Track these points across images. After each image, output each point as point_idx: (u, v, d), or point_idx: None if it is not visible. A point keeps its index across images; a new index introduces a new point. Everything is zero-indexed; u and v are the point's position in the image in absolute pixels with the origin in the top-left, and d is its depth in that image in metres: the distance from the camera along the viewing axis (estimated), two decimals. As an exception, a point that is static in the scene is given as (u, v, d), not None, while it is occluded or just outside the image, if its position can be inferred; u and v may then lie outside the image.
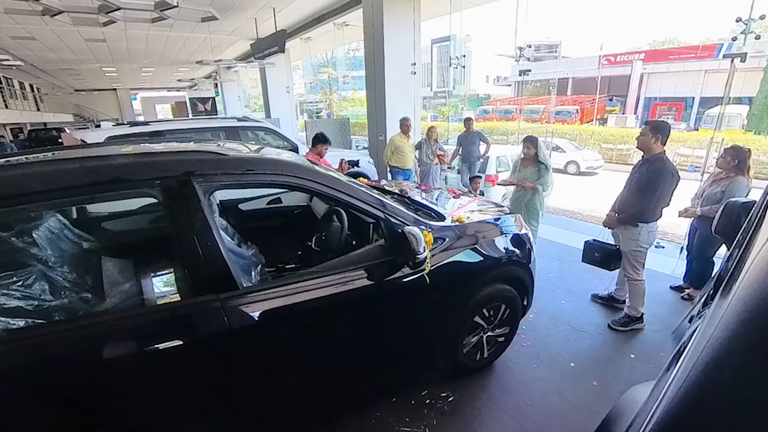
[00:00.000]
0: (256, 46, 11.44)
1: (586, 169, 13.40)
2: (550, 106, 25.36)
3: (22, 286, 1.63)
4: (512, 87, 35.38)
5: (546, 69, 31.96)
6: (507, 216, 2.74)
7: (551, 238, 5.26)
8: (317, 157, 4.51)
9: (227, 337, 1.57)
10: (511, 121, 22.49)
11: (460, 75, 36.86)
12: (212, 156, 1.80)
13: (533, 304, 2.89)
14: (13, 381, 1.31)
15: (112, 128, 5.24)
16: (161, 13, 5.69)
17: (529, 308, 2.81)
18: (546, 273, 4.11)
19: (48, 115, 23.14)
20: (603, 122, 23.22)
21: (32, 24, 9.39)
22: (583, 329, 3.20)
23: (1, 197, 1.44)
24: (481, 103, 35.08)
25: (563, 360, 2.82)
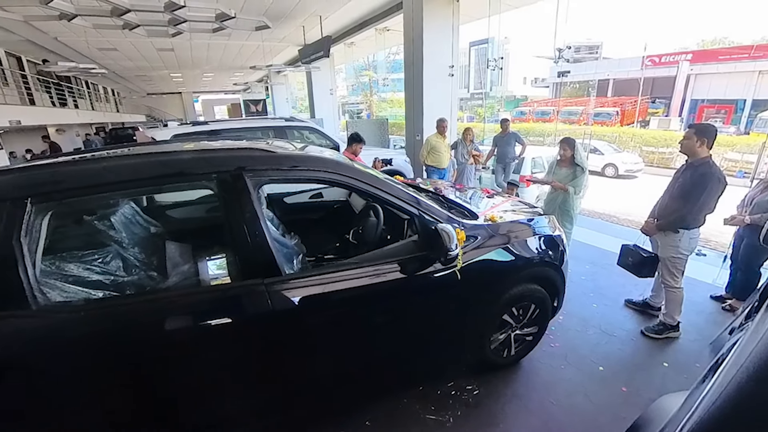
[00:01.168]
0: (304, 51, 11.72)
1: (625, 172, 12.59)
2: (588, 108, 24.03)
3: (102, 263, 1.79)
4: (550, 88, 33.85)
5: (586, 70, 30.24)
6: (540, 217, 2.64)
7: (585, 241, 5.00)
8: (352, 155, 4.55)
9: (270, 318, 1.64)
10: (548, 123, 21.56)
11: (498, 77, 35.74)
12: (262, 153, 1.86)
13: (563, 306, 2.76)
14: (92, 344, 1.46)
15: (177, 127, 5.57)
16: (221, 23, 5.98)
17: (559, 309, 2.69)
18: (578, 276, 3.93)
19: (125, 116, 24.96)
20: (645, 125, 21.67)
21: (114, 37, 10.17)
22: (614, 334, 3.02)
23: (87, 186, 1.59)
24: (518, 104, 33.85)
25: (591, 363, 2.68)
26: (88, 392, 1.48)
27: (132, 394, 1.57)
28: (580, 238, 4.88)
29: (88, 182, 1.60)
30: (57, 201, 1.58)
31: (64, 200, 1.62)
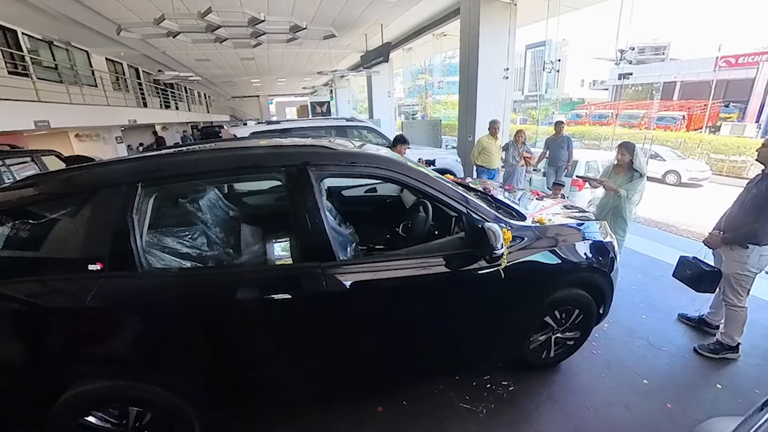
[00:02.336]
0: (365, 57, 11.86)
1: (689, 180, 11.13)
2: (651, 112, 21.51)
3: (190, 239, 1.99)
4: (609, 91, 30.87)
5: (650, 72, 27.07)
6: (591, 222, 2.44)
7: (639, 250, 4.52)
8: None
9: (324, 297, 1.70)
10: (606, 126, 19.71)
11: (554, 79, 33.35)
12: (324, 150, 1.92)
13: (610, 314, 2.54)
14: (179, 303, 1.64)
15: (254, 126, 5.96)
16: (294, 34, 6.26)
17: (604, 317, 2.48)
18: (628, 284, 3.57)
19: (213, 116, 27.19)
20: (715, 130, 18.95)
21: (208, 49, 11.09)
22: (663, 348, 2.71)
23: (182, 174, 1.78)
24: (574, 107, 31.32)
25: (635, 375, 2.43)
26: (171, 340, 1.67)
27: (203, 347, 1.73)
28: (633, 246, 4.44)
29: (184, 171, 1.79)
30: (160, 186, 1.78)
31: (165, 185, 1.83)
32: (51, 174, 1.87)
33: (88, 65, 11.30)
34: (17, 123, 5.86)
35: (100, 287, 1.55)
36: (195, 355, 1.72)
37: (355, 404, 2.21)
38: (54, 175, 1.83)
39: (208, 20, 5.25)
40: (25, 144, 7.22)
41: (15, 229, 1.64)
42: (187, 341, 1.69)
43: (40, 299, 1.55)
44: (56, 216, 1.65)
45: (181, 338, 1.68)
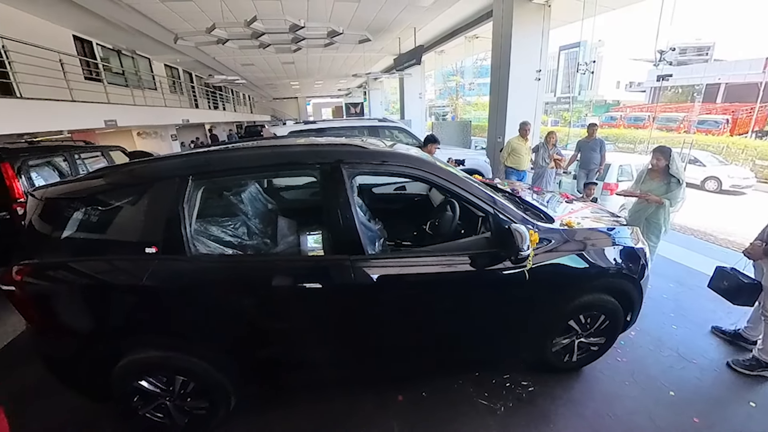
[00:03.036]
0: (398, 60, 11.80)
1: (731, 187, 10.16)
2: (691, 115, 19.77)
3: (233, 228, 2.08)
4: (647, 93, 28.71)
5: (692, 73, 24.79)
6: (623, 227, 2.28)
7: (673, 258, 4.17)
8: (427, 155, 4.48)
9: (352, 288, 1.72)
10: (642, 129, 18.38)
11: (588, 81, 31.42)
12: (357, 149, 1.93)
13: (638, 322, 2.37)
14: (221, 285, 1.72)
15: (293, 125, 6.11)
16: (331, 39, 6.35)
17: (631, 324, 2.32)
18: (659, 293, 3.32)
19: (256, 116, 28.18)
20: (763, 135, 17.17)
21: (252, 54, 11.50)
22: (694, 360, 2.48)
23: (227, 169, 1.86)
24: (608, 109, 29.39)
25: (661, 386, 2.26)
26: (213, 319, 1.76)
27: (240, 328, 1.81)
28: (666, 254, 4.11)
29: (229, 166, 1.87)
30: (208, 179, 1.87)
31: (212, 179, 1.92)
32: (117, 167, 2.02)
33: (150, 71, 12.06)
34: (91, 122, 6.38)
35: (154, 268, 1.66)
36: (233, 334, 1.80)
37: (376, 391, 2.22)
38: (119, 168, 1.97)
39: (253, 28, 5.44)
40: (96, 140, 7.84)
41: (87, 214, 1.78)
42: (227, 321, 1.77)
43: (105, 276, 1.69)
44: (120, 204, 1.78)
45: (222, 318, 1.76)
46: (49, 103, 5.28)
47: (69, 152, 4.70)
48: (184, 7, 6.93)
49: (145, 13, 7.08)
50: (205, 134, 16.55)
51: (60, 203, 1.78)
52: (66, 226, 1.75)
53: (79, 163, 4.74)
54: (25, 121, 4.79)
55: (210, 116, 16.68)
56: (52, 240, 1.73)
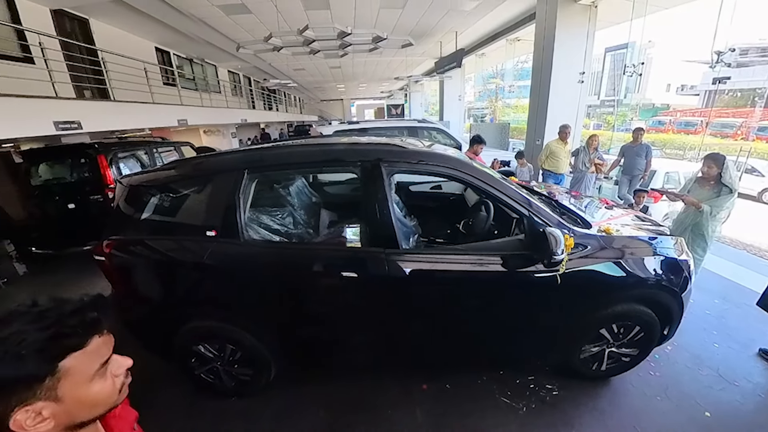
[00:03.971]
0: (439, 63, 11.58)
1: (793, 200, 8.76)
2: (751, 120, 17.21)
3: (280, 218, 2.18)
4: (700, 97, 25.50)
5: (753, 76, 21.49)
6: (666, 237, 2.06)
7: (720, 272, 3.67)
8: (473, 154, 4.33)
9: (385, 280, 1.74)
10: (693, 135, 16.41)
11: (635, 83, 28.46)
12: (396, 148, 1.93)
13: (675, 337, 2.12)
14: (269, 268, 1.82)
15: (338, 125, 6.25)
16: (376, 44, 6.37)
17: (668, 339, 2.09)
18: (702, 308, 2.95)
19: (305, 116, 29.12)
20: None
21: (303, 60, 11.89)
22: (736, 383, 2.18)
23: (278, 164, 1.95)
24: (656, 113, 26.46)
25: (696, 405, 2.01)
26: (259, 297, 1.88)
27: (283, 307, 1.91)
28: (713, 268, 3.64)
29: (279, 162, 1.98)
30: (261, 173, 1.97)
31: (265, 173, 2.02)
32: (186, 160, 2.20)
33: (216, 76, 12.95)
34: (167, 121, 7.01)
35: (213, 249, 1.80)
36: (276, 312, 1.90)
37: (402, 378, 2.23)
38: (188, 162, 2.15)
39: (305, 36, 5.63)
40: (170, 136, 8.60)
41: (160, 200, 1.97)
42: (271, 300, 1.87)
43: (174, 253, 1.86)
44: (188, 192, 1.95)
45: (267, 297, 1.87)
46: (135, 105, 5.88)
47: (149, 146, 5.22)
48: (246, 20, 7.35)
49: (213, 25, 7.62)
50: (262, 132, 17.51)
51: (140, 190, 1.99)
52: (145, 209, 1.95)
53: (156, 156, 5.24)
54: (117, 120, 5.37)
55: (265, 116, 17.56)
56: (133, 220, 1.94)
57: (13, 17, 5.08)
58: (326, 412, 2.02)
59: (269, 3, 6.44)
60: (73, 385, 0.55)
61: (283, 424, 1.96)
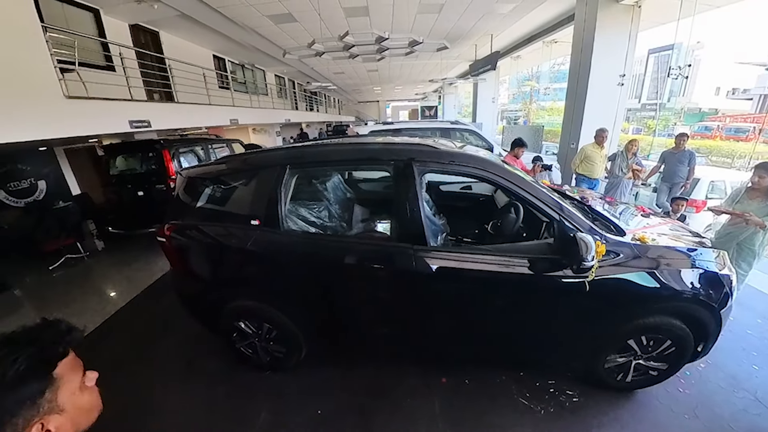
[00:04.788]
0: (473, 66, 11.20)
1: None
2: None
3: (317, 211, 2.24)
4: (753, 101, 22.41)
5: None
6: (706, 249, 1.85)
7: (765, 290, 3.22)
8: (514, 158, 4.15)
9: (411, 275, 1.73)
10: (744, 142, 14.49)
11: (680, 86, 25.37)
12: (428, 148, 1.91)
13: (710, 354, 1.91)
14: (305, 256, 1.87)
15: (373, 125, 6.30)
16: (412, 48, 6.31)
17: (702, 356, 1.88)
18: (742, 327, 2.62)
19: (342, 117, 29.53)
20: None
21: (343, 64, 12.10)
22: None
23: (316, 161, 2.01)
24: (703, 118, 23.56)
25: (728, 428, 1.80)
26: (295, 282, 1.94)
27: (315, 293, 1.96)
28: (758, 285, 3.20)
29: (318, 159, 2.02)
30: (301, 169, 2.04)
31: (305, 168, 2.09)
32: (235, 156, 2.33)
33: (264, 80, 13.54)
34: (221, 120, 7.47)
35: (256, 237, 1.89)
36: (309, 297, 1.96)
37: (422, 369, 2.21)
38: (237, 157, 2.28)
39: (345, 41, 5.71)
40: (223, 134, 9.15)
41: (213, 190, 2.11)
42: (305, 286, 1.94)
43: (222, 238, 1.98)
44: (236, 184, 2.07)
45: (301, 283, 1.93)
46: (195, 106, 6.32)
47: (205, 143, 5.60)
48: (292, 28, 7.60)
49: (263, 34, 7.96)
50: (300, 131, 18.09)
51: (197, 181, 2.14)
52: (200, 198, 2.10)
53: (211, 151, 5.62)
54: (180, 120, 5.80)
55: (306, 116, 18.09)
56: (190, 208, 2.10)
57: (100, 32, 5.66)
58: (349, 394, 2.06)
59: (313, 12, 6.59)
60: (70, 395, 0.58)
61: (309, 400, 2.03)
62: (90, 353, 2.18)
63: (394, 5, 6.68)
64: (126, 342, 2.75)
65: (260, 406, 2.00)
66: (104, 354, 2.60)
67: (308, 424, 1.88)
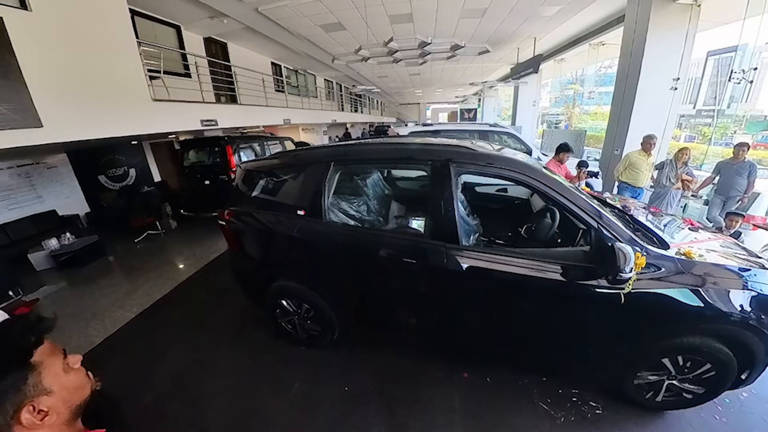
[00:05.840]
0: (515, 69, 10.57)
1: None
2: None
3: (356, 205, 2.28)
4: None
5: None
6: (762, 271, 1.58)
7: None
8: (558, 163, 3.85)
9: (442, 271, 1.70)
10: None
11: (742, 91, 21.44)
12: (465, 150, 1.84)
13: (756, 384, 1.64)
14: (343, 246, 1.93)
15: (413, 127, 6.25)
16: (453, 52, 6.11)
17: (746, 384, 1.62)
18: None
19: (384, 118, 29.60)
20: None
21: (386, 68, 12.09)
22: None
23: (358, 159, 2.04)
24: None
25: None
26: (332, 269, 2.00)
27: (349, 280, 2.01)
28: None
29: (360, 157, 2.06)
30: (344, 165, 2.09)
31: (347, 165, 2.13)
32: (287, 152, 2.44)
33: (314, 83, 14.02)
34: (275, 120, 7.90)
35: (301, 225, 1.98)
36: (344, 283, 2.02)
37: (446, 362, 2.17)
38: (288, 153, 2.39)
39: (389, 47, 5.69)
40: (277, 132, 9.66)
41: (266, 182, 2.24)
42: (341, 273, 1.99)
43: (272, 225, 2.10)
44: (286, 177, 2.17)
45: (338, 270, 1.99)
46: (254, 107, 6.75)
47: (261, 140, 5.96)
48: (340, 35, 7.77)
49: (315, 42, 8.22)
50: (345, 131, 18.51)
51: (253, 173, 2.28)
52: (255, 188, 2.24)
53: (266, 147, 5.97)
54: (241, 119, 6.24)
55: (351, 117, 18.44)
56: (246, 196, 2.25)
57: (180, 45, 6.25)
58: (375, 376, 2.09)
59: (361, 21, 6.66)
60: (54, 376, 0.58)
61: (338, 377, 2.10)
62: (163, 313, 2.43)
63: (437, 11, 6.52)
64: (190, 307, 3.05)
65: (295, 376, 2.11)
66: (174, 315, 2.91)
67: (335, 398, 1.95)
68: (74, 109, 2.83)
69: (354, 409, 1.87)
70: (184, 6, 5.30)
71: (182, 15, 5.76)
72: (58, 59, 2.68)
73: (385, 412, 1.85)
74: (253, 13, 5.89)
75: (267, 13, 5.95)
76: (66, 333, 2.74)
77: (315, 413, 1.86)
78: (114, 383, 2.05)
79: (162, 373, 2.23)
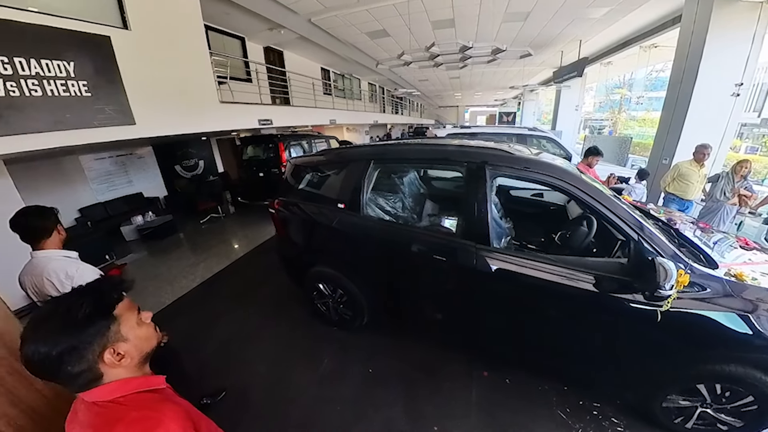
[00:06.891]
0: (558, 72, 9.75)
1: None
2: None
3: (393, 202, 2.30)
4: None
5: None
6: None
7: None
8: (586, 167, 3.56)
9: (471, 271, 1.65)
10: None
11: None
12: (502, 153, 1.77)
13: None
14: (378, 240, 1.96)
15: (451, 129, 6.10)
16: (494, 56, 5.82)
17: None
18: None
19: (423, 120, 29.11)
20: None
21: (427, 72, 11.89)
22: None
23: (396, 158, 2.06)
24: None
25: None
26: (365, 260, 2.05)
27: (381, 271, 2.03)
28: None
29: (398, 156, 2.07)
30: (382, 164, 2.11)
31: (386, 164, 2.15)
32: (331, 150, 2.53)
33: (359, 87, 14.25)
34: (323, 120, 8.20)
35: (341, 217, 2.04)
36: (376, 273, 2.05)
37: (468, 358, 2.12)
38: (332, 151, 2.46)
39: (431, 51, 5.59)
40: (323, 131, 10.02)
41: (312, 177, 2.34)
42: (374, 264, 2.02)
43: (315, 215, 2.19)
44: (330, 173, 2.25)
45: (372, 261, 2.03)
46: (304, 108, 7.07)
47: (309, 138, 6.22)
48: (385, 41, 7.78)
49: (360, 48, 8.34)
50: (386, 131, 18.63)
51: (300, 168, 2.40)
52: (302, 182, 2.35)
53: (313, 144, 6.23)
54: (292, 119, 6.58)
55: (392, 119, 18.46)
56: (293, 188, 2.37)
57: (243, 54, 6.74)
58: (399, 363, 2.11)
59: (404, 27, 6.60)
60: (131, 328, 0.68)
61: (364, 359, 2.15)
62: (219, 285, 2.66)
63: (479, 15, 6.23)
64: (241, 282, 3.31)
65: (325, 353, 2.21)
66: (228, 289, 3.18)
67: (360, 378, 2.00)
68: (159, 110, 3.19)
69: (376, 390, 1.92)
70: (248, 20, 5.69)
71: (246, 28, 6.19)
72: (148, 69, 3.04)
73: (404, 396, 1.87)
74: (307, 24, 6.13)
75: (318, 23, 6.16)
76: (143, 294, 3.14)
77: (340, 387, 1.94)
78: (177, 339, 2.31)
79: (215, 336, 2.46)
